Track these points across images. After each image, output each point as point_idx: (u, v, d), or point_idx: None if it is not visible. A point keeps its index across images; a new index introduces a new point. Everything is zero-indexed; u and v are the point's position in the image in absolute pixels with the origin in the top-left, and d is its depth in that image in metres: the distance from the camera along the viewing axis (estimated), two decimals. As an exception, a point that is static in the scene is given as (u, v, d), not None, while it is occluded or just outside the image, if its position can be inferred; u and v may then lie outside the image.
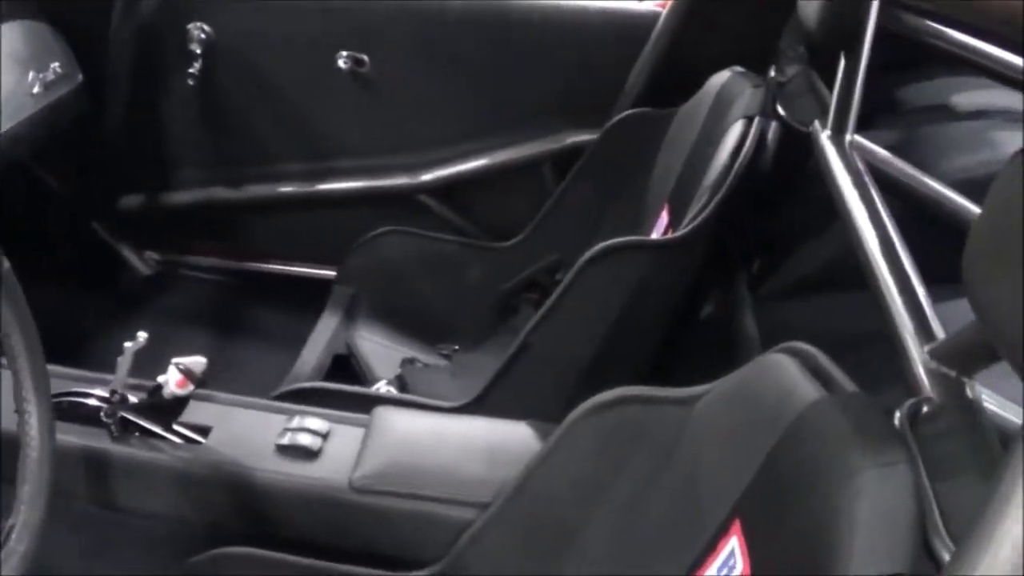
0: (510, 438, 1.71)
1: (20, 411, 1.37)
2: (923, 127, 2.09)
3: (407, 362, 2.52)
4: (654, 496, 1.37)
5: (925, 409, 1.13)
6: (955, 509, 0.99)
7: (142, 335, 1.61)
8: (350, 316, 2.70)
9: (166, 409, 1.68)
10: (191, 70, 2.79)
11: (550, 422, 1.57)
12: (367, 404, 1.82)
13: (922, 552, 0.95)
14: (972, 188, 1.54)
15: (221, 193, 3.04)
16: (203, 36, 2.77)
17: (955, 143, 1.99)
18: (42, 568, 1.33)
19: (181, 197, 3.07)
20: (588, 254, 1.94)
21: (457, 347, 2.67)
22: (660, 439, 1.38)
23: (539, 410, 1.76)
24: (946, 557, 0.95)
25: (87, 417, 1.68)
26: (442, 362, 2.61)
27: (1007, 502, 0.71)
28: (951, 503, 1.00)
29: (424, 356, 2.59)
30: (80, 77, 2.69)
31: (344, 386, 2.33)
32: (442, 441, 1.72)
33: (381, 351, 2.57)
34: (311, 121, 2.90)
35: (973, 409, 1.14)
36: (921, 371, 1.23)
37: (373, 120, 2.85)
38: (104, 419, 1.65)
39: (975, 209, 1.54)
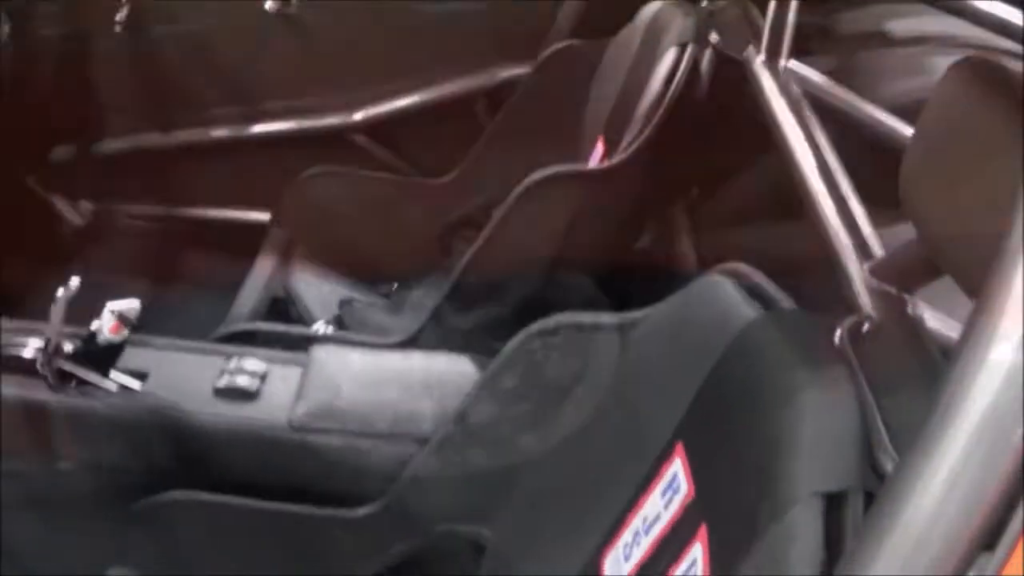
0: (448, 371, 1.70)
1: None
2: (859, 53, 2.09)
3: (345, 303, 2.51)
4: (598, 424, 1.37)
5: (866, 326, 1.13)
6: (899, 424, 0.99)
7: (75, 281, 1.59)
8: (287, 258, 2.67)
9: (102, 356, 1.66)
10: (117, 17, 2.74)
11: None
12: (305, 344, 1.81)
13: (868, 468, 0.95)
14: (910, 113, 1.55)
15: (153, 140, 3.00)
16: (128, -19, 2.73)
17: (892, 69, 1.99)
18: None
19: (113, 145, 3.03)
20: (522, 186, 1.93)
21: (396, 286, 2.66)
22: (601, 365, 1.37)
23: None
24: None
25: (23, 368, 1.65)
26: (380, 301, 2.60)
27: (948, 413, 0.71)
28: (895, 419, 1.00)
29: (362, 296, 2.58)
30: (6, 29, 2.65)
31: (282, 326, 2.31)
32: (380, 377, 1.71)
33: (319, 292, 2.55)
34: (240, 63, 2.86)
35: (914, 325, 1.14)
36: (861, 288, 1.23)
37: (303, 60, 2.82)
38: (40, 369, 1.63)
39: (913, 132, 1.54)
